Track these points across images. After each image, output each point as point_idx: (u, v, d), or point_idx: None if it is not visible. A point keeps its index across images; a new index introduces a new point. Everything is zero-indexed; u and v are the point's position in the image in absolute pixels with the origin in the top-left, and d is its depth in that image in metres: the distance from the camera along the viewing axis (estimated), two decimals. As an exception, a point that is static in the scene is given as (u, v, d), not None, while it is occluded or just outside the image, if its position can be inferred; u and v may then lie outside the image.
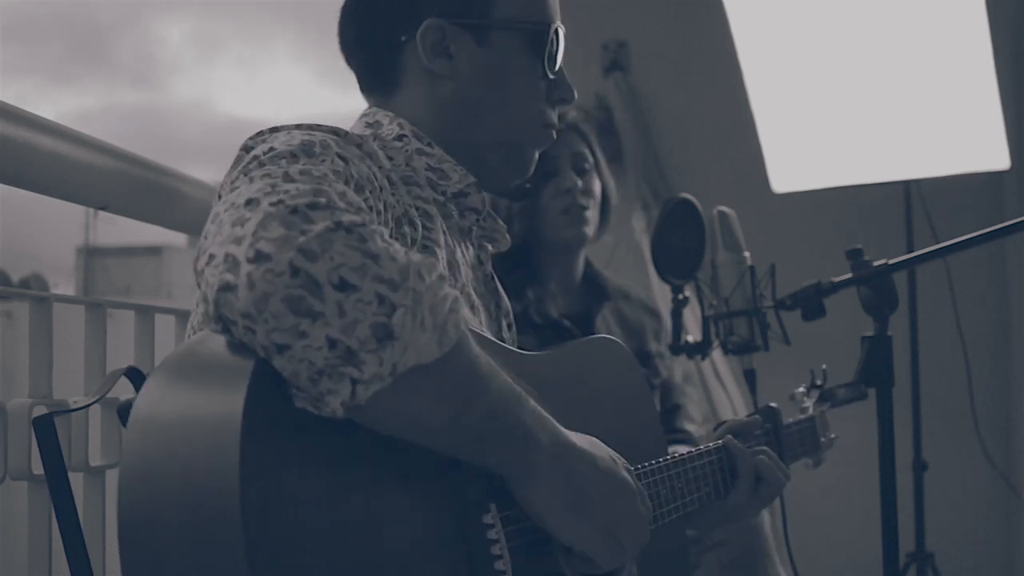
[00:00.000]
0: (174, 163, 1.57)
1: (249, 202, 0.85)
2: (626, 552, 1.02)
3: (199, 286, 0.89)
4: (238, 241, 0.82)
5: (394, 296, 0.81)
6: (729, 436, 1.35)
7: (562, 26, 1.25)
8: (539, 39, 1.22)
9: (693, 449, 1.28)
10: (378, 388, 0.81)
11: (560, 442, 0.97)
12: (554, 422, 0.97)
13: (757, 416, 1.47)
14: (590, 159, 2.14)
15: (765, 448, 1.37)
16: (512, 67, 1.22)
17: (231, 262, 0.81)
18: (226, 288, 0.80)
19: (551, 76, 1.25)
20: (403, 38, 1.21)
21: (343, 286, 0.79)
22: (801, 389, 1.64)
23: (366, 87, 1.28)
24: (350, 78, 1.30)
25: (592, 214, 2.12)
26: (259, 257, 0.80)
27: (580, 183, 2.10)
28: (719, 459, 1.31)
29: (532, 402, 0.95)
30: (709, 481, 1.28)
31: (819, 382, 1.65)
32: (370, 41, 1.25)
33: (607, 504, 0.99)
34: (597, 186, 2.14)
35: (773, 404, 1.49)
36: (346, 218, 0.83)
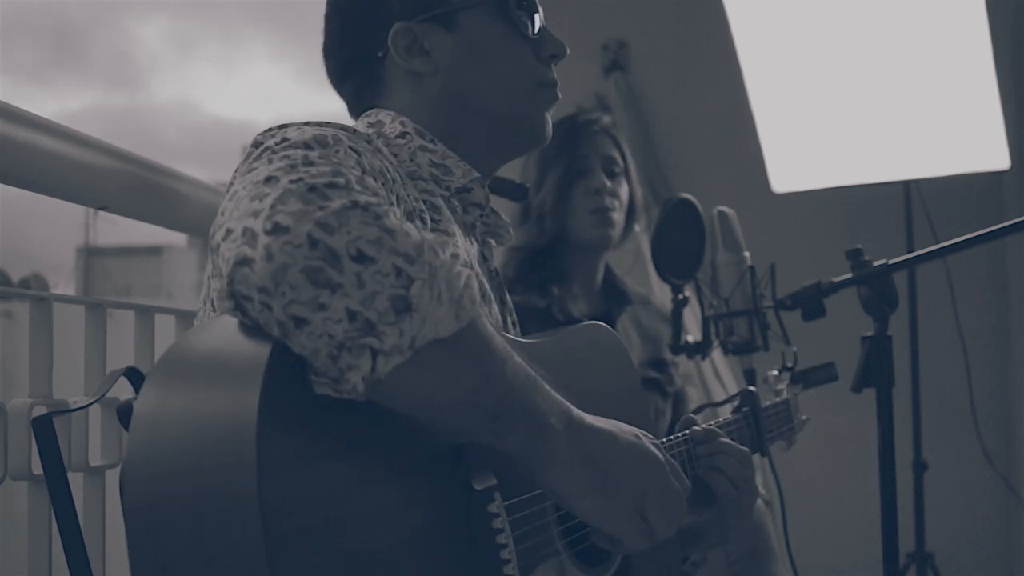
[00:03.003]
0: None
1: (268, 179, 0.86)
2: (657, 531, 1.00)
3: (213, 263, 0.89)
4: (255, 215, 0.82)
5: (411, 269, 0.81)
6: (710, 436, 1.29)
7: None
8: (503, 4, 1.22)
9: (671, 437, 1.26)
10: (398, 362, 0.81)
11: (576, 424, 0.96)
12: (569, 405, 0.97)
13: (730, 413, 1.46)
14: (620, 163, 2.18)
15: (722, 458, 1.28)
16: (488, 40, 1.22)
17: (249, 235, 0.81)
18: (243, 262, 0.81)
19: (532, 36, 1.24)
20: (380, 54, 1.23)
21: (361, 258, 0.80)
22: (774, 372, 1.64)
23: (359, 111, 1.28)
24: (328, 78, 1.31)
25: (618, 217, 2.14)
26: (277, 229, 0.80)
27: (609, 185, 2.13)
28: (681, 453, 1.27)
29: (546, 386, 0.95)
30: (685, 470, 1.26)
31: (790, 364, 1.65)
32: (352, 68, 1.27)
33: (634, 484, 0.99)
34: (625, 191, 2.17)
35: (752, 388, 1.49)
36: (362, 198, 0.84)
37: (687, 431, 1.28)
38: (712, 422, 1.35)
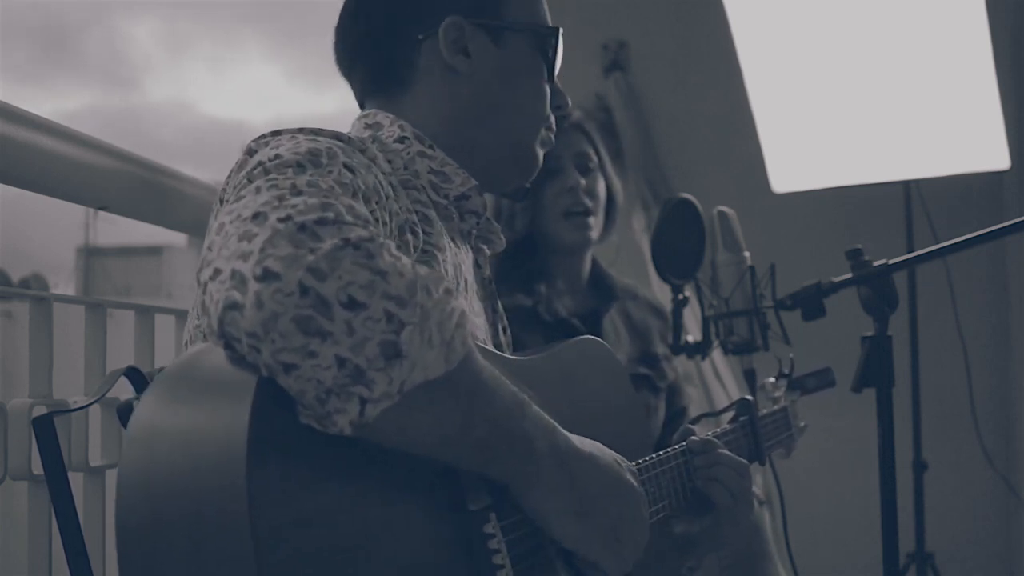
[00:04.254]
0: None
1: (256, 216, 0.84)
2: (628, 558, 1.02)
3: (201, 296, 0.88)
4: (245, 257, 0.81)
5: (402, 313, 0.80)
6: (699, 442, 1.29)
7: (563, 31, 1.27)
8: (546, 43, 1.25)
9: (669, 449, 1.26)
10: (386, 406, 0.80)
11: (562, 448, 0.97)
12: (557, 427, 0.97)
13: (727, 422, 1.45)
14: (594, 159, 2.11)
15: (721, 465, 1.28)
16: (525, 68, 1.24)
17: (238, 279, 0.80)
18: (233, 307, 0.79)
19: (553, 82, 1.27)
20: (420, 36, 1.21)
21: (352, 305, 0.78)
22: (771, 379, 1.64)
23: (369, 89, 1.26)
24: (321, 79, 1.32)
25: (595, 216, 2.09)
26: (267, 276, 0.78)
27: (583, 183, 2.07)
28: (679, 465, 1.26)
29: (535, 408, 0.95)
30: (669, 491, 1.24)
31: (787, 371, 1.65)
32: (382, 39, 1.23)
33: (611, 508, 1.00)
34: (601, 186, 2.11)
35: (748, 396, 1.49)
36: (354, 234, 0.82)
37: (684, 442, 1.27)
38: (710, 432, 1.34)
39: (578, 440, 1.00)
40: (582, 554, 0.99)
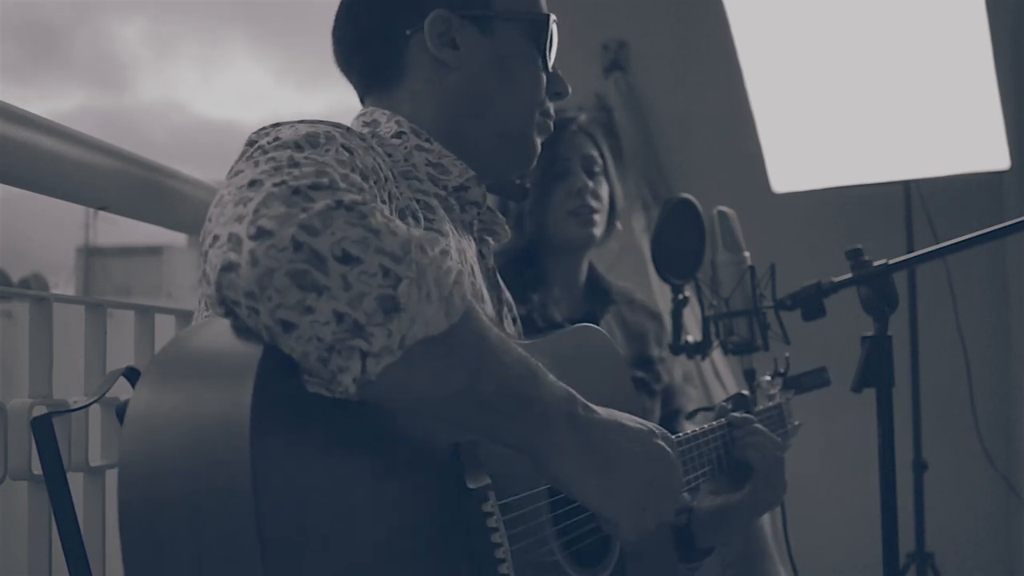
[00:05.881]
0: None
1: (252, 183, 0.85)
2: (650, 522, 1.01)
3: (203, 265, 0.88)
4: (240, 220, 0.82)
5: (398, 268, 0.81)
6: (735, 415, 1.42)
7: (556, 19, 1.28)
8: (539, 31, 1.25)
9: (697, 428, 1.32)
10: (389, 362, 0.80)
11: (581, 414, 0.96)
12: (575, 395, 0.97)
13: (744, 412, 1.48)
14: (600, 162, 2.15)
15: (758, 429, 1.41)
16: (517, 57, 1.24)
17: (234, 241, 0.81)
18: (228, 267, 0.81)
19: (548, 69, 1.27)
20: (407, 31, 1.22)
21: (347, 259, 0.79)
22: (766, 377, 1.64)
23: (366, 86, 1.28)
24: (309, 78, 1.31)
25: (600, 216, 2.12)
26: (260, 234, 0.80)
27: (590, 184, 2.11)
28: (721, 436, 1.37)
29: (550, 376, 0.95)
30: (712, 458, 1.34)
31: (782, 370, 1.65)
32: (372, 37, 1.25)
33: (639, 471, 0.99)
34: (605, 189, 2.15)
35: (744, 392, 1.50)
36: (347, 197, 0.83)
37: (723, 418, 1.38)
38: (704, 425, 1.38)
39: (603, 410, 1.00)
40: (605, 512, 0.98)
